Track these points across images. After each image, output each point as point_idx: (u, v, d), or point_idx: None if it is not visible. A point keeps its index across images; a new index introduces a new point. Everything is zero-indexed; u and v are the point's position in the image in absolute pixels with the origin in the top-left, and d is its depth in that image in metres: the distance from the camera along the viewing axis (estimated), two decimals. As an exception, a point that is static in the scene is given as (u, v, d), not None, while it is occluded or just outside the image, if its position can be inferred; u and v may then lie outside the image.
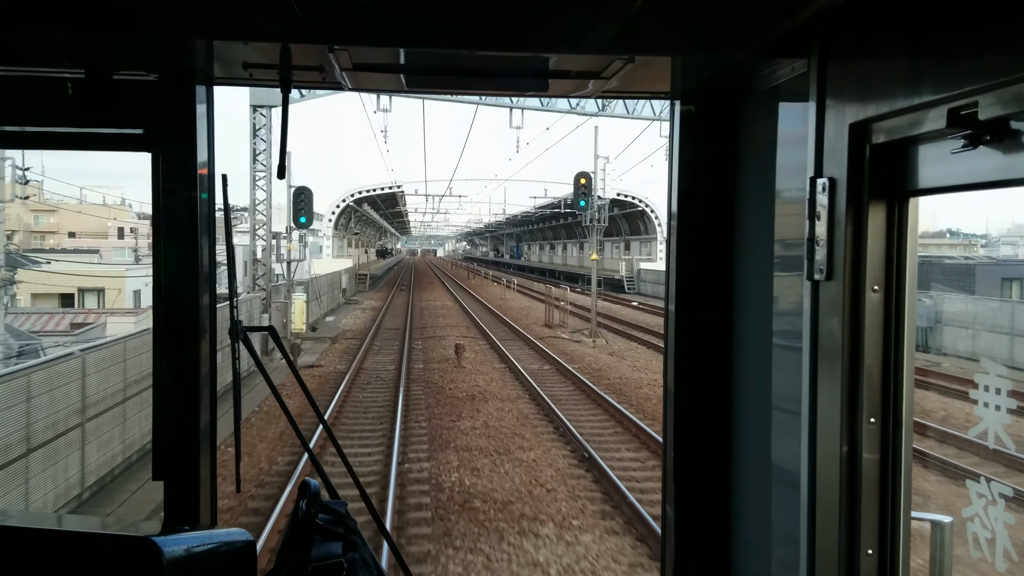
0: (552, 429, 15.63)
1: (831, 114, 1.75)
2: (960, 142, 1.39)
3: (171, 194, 2.20)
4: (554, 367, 22.98)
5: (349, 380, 20.22)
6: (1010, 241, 55.49)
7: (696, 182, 2.48)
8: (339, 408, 17.18)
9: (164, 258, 2.22)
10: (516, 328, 32.60)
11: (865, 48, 1.68)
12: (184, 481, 2.25)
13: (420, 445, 14.21)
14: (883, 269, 1.68)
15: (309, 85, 2.34)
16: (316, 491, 2.02)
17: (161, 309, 2.23)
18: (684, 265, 2.50)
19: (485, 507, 10.96)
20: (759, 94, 2.24)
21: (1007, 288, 28.02)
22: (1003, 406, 1.53)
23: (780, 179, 2.10)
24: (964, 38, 1.38)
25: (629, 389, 19.61)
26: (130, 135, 2.23)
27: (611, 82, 2.24)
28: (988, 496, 1.54)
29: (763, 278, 2.19)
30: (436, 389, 19.53)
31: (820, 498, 1.78)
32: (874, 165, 1.65)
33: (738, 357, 2.43)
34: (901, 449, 1.69)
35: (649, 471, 12.61)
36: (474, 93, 2.87)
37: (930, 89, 1.46)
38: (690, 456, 2.52)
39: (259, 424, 15.48)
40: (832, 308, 1.73)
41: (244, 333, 2.22)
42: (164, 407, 2.26)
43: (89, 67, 2.10)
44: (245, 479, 11.60)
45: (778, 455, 2.12)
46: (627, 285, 60.57)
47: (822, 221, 1.74)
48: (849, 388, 1.70)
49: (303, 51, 2.07)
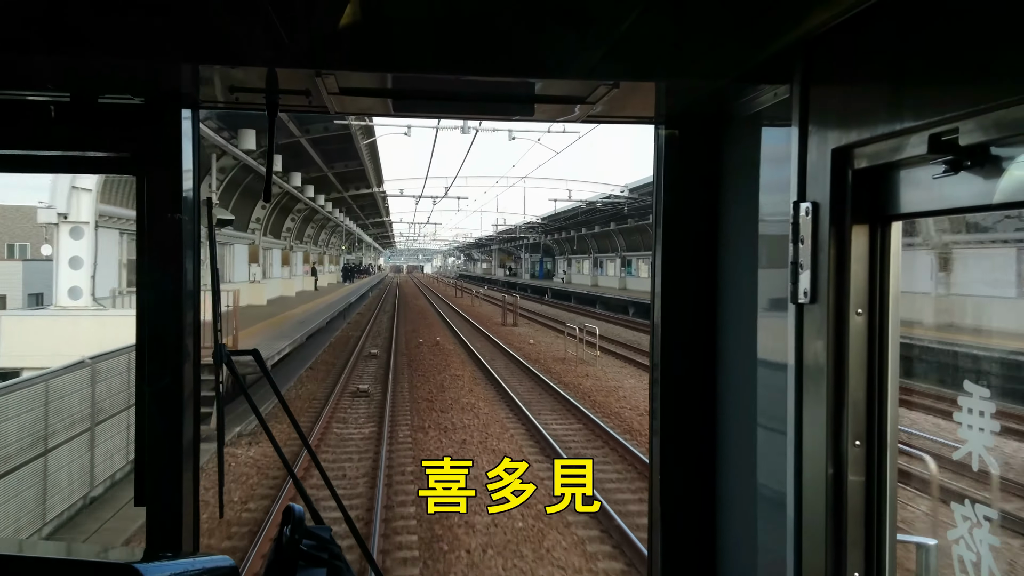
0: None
1: (814, 139, 1.77)
2: (942, 167, 1.41)
3: (156, 217, 2.19)
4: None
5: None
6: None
7: (681, 205, 2.50)
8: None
9: (148, 281, 2.21)
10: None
11: (847, 74, 1.70)
12: (166, 507, 2.22)
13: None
14: (867, 293, 1.69)
15: (295, 109, 2.35)
16: (300, 516, 2.00)
17: (145, 331, 2.22)
18: (669, 287, 2.51)
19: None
20: (742, 119, 2.26)
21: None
22: (986, 428, 1.54)
23: (764, 203, 2.12)
24: (945, 64, 1.41)
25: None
26: (115, 158, 2.23)
27: (596, 107, 2.26)
28: (973, 519, 1.54)
29: (748, 301, 2.20)
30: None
31: (807, 521, 1.78)
32: (857, 189, 1.67)
33: (724, 379, 2.44)
34: (886, 471, 1.70)
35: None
36: (460, 117, 2.88)
37: (912, 115, 1.48)
38: (676, 479, 2.51)
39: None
40: (816, 331, 1.74)
41: (228, 357, 2.21)
42: (147, 431, 2.23)
43: (74, 91, 2.10)
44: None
45: (764, 478, 2.12)
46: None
47: (806, 245, 1.75)
48: (834, 411, 1.71)
49: (290, 75, 2.08)
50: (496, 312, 44.81)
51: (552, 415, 17.06)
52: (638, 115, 2.51)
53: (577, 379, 21.65)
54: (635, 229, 55.12)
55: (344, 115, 2.26)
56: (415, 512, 10.62)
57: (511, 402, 18.01)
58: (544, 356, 26.60)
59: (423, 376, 22.08)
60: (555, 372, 22.71)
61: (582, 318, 35.01)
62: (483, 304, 55.64)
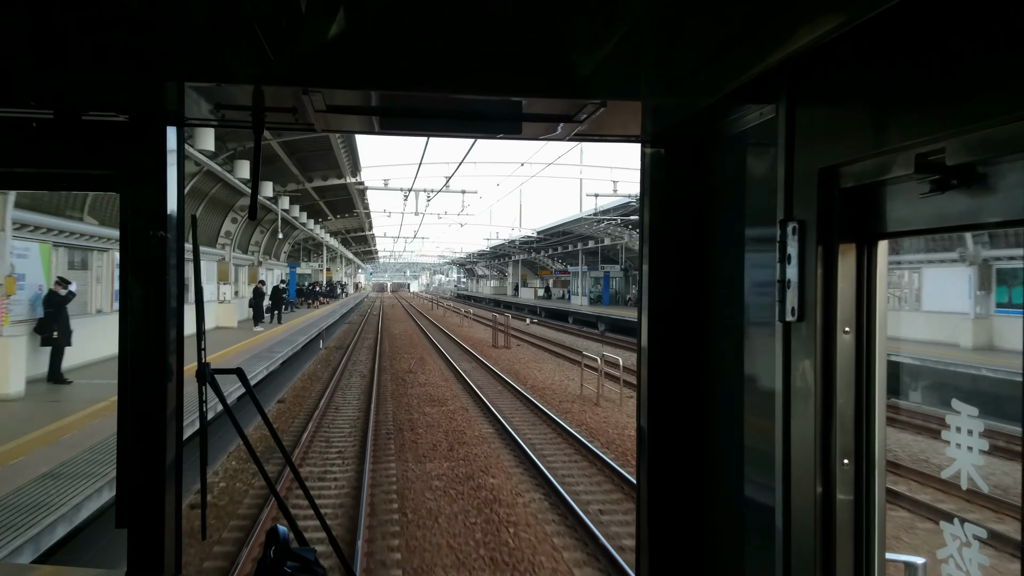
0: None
1: (800, 158, 1.78)
2: (928, 186, 1.42)
3: (139, 234, 2.17)
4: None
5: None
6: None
7: (667, 224, 2.50)
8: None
9: (131, 298, 2.19)
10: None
11: (832, 94, 1.71)
12: (148, 528, 2.19)
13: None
14: (854, 311, 1.70)
15: (281, 126, 2.34)
16: (285, 538, 1.98)
17: (127, 349, 2.19)
18: (656, 305, 2.51)
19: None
20: (729, 138, 2.27)
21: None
22: (975, 447, 1.54)
23: (750, 221, 2.13)
24: (931, 85, 1.42)
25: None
26: (98, 175, 2.21)
27: (583, 125, 2.26)
28: (962, 538, 1.54)
29: (735, 320, 2.20)
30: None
31: (795, 540, 1.78)
32: (843, 208, 1.67)
33: (711, 398, 2.43)
34: (875, 490, 1.69)
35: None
36: (447, 135, 2.89)
37: (898, 135, 1.49)
38: (664, 498, 2.50)
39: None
40: (804, 350, 1.74)
41: (212, 375, 2.19)
42: (128, 451, 2.20)
43: (58, 107, 2.08)
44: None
45: (752, 497, 2.11)
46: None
47: (793, 263, 1.75)
48: (822, 429, 1.70)
49: (276, 93, 2.07)
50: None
51: None
52: (625, 133, 2.51)
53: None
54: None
55: (330, 132, 2.25)
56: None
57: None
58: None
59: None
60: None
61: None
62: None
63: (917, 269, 23.04)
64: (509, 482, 12.51)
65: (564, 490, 11.63)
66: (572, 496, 11.38)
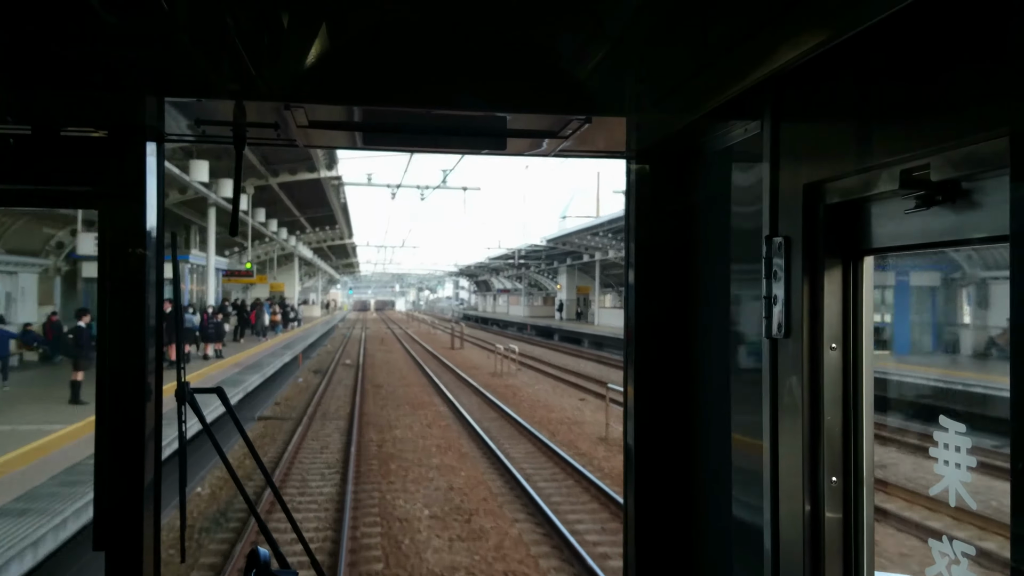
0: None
1: (785, 174, 1.77)
2: (913, 202, 1.41)
3: (118, 251, 2.14)
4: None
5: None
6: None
7: (653, 240, 2.50)
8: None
9: (109, 316, 2.15)
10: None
11: (817, 110, 1.71)
12: (126, 551, 2.14)
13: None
14: (840, 327, 1.69)
15: (263, 142, 2.32)
16: (266, 561, 1.94)
17: (106, 367, 2.15)
18: (642, 321, 2.50)
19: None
20: (713, 154, 2.27)
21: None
22: (963, 464, 1.53)
23: (736, 237, 2.12)
24: (915, 101, 1.42)
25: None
26: (77, 192, 2.18)
27: (568, 141, 2.25)
28: (951, 555, 1.52)
29: (721, 336, 2.19)
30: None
31: (784, 558, 1.76)
32: (829, 224, 1.67)
33: (698, 414, 2.41)
34: (863, 507, 1.68)
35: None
36: (431, 151, 2.90)
37: (882, 151, 1.49)
38: (651, 516, 2.48)
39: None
40: (791, 366, 1.73)
41: (191, 395, 2.15)
42: (106, 471, 2.16)
43: (35, 123, 2.05)
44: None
45: (740, 514, 2.09)
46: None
47: (779, 279, 1.75)
48: (810, 447, 1.69)
49: (257, 108, 2.05)
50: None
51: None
52: (610, 149, 2.51)
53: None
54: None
55: (312, 147, 2.22)
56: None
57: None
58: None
59: None
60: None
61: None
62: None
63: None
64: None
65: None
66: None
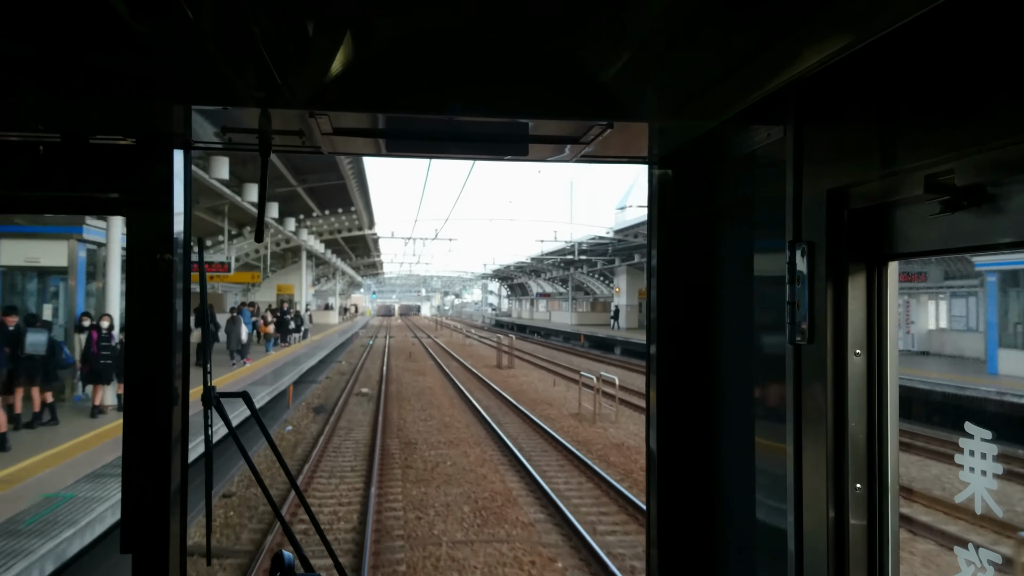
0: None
1: (808, 179, 1.77)
2: (938, 207, 1.40)
3: (145, 257, 2.17)
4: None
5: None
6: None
7: (675, 245, 2.49)
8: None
9: (138, 321, 2.18)
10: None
11: (840, 115, 1.71)
12: (153, 554, 2.17)
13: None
14: (864, 333, 1.68)
15: (288, 149, 2.34)
16: (290, 564, 1.96)
17: (134, 372, 2.19)
18: (665, 327, 2.49)
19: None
20: (736, 159, 2.26)
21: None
22: (988, 471, 1.51)
23: (759, 242, 2.12)
24: (939, 105, 1.41)
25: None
26: (105, 199, 2.21)
27: (589, 147, 2.26)
28: (977, 563, 1.51)
29: (744, 341, 2.18)
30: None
31: (808, 565, 1.75)
32: (853, 229, 1.66)
33: (721, 420, 2.40)
34: (888, 515, 1.67)
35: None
36: (454, 157, 2.90)
37: (906, 156, 1.48)
38: (674, 523, 2.47)
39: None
40: (815, 372, 1.72)
41: (217, 399, 2.18)
42: (134, 475, 2.19)
43: (64, 131, 2.09)
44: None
45: (764, 520, 2.08)
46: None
47: (802, 285, 1.74)
48: (835, 453, 1.68)
49: (283, 116, 2.08)
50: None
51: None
52: (631, 155, 2.51)
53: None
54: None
55: (336, 154, 2.25)
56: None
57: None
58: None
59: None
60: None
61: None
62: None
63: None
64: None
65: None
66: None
